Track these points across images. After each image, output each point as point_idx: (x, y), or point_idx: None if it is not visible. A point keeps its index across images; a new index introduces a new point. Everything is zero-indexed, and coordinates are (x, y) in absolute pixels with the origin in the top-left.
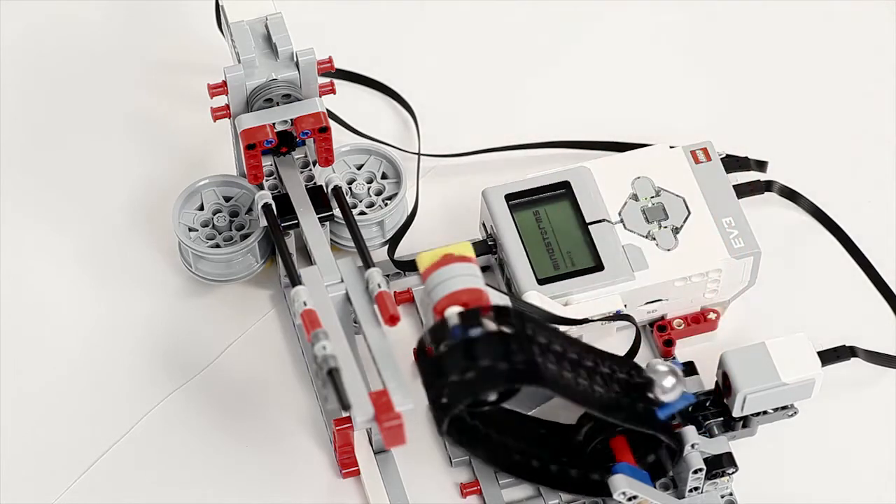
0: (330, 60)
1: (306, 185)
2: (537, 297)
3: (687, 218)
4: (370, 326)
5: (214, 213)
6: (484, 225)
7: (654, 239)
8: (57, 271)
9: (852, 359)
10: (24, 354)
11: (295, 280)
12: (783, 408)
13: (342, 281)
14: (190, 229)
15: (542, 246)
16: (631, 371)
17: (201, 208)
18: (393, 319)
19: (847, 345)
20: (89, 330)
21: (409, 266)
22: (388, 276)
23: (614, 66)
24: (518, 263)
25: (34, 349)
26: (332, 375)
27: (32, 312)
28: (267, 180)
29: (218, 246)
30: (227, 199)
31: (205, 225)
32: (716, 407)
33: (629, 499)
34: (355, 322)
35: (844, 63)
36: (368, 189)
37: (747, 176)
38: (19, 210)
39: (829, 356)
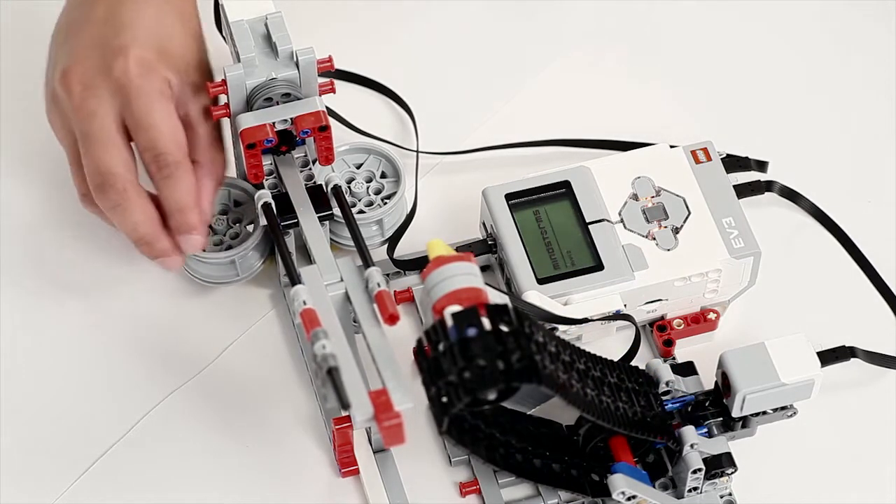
0: (329, 60)
1: (306, 185)
2: (537, 296)
3: (687, 218)
4: (370, 325)
5: (220, 213)
6: (484, 224)
7: (654, 239)
8: (57, 271)
9: (852, 359)
10: (25, 355)
11: (294, 279)
12: (782, 408)
13: (342, 280)
14: None
15: (542, 245)
16: (622, 375)
17: None
18: (392, 318)
19: (846, 345)
20: (89, 330)
21: (408, 265)
22: (387, 275)
23: (615, 65)
24: (518, 263)
25: (34, 349)
26: (332, 374)
27: (32, 312)
28: (267, 179)
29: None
30: (238, 205)
31: None
32: (715, 407)
33: (628, 498)
34: (355, 321)
35: (844, 63)
36: (367, 188)
37: (747, 176)
38: (19, 210)
39: (829, 357)
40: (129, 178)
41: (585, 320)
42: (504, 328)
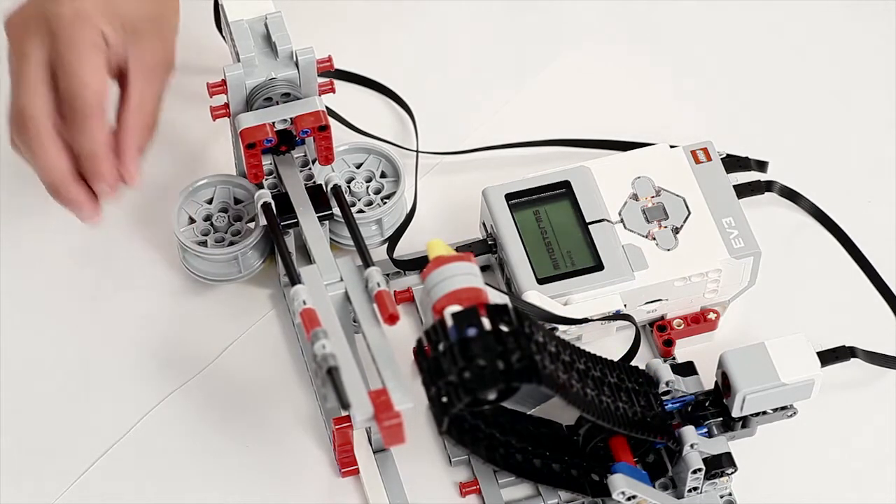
0: (329, 59)
1: (305, 184)
2: (537, 296)
3: (687, 218)
4: (369, 325)
5: (221, 211)
6: (484, 224)
7: (654, 239)
8: (56, 270)
9: (851, 359)
10: (24, 354)
11: (294, 279)
12: (782, 408)
13: (341, 280)
14: (190, 218)
15: (542, 245)
16: (622, 375)
17: (210, 202)
18: (392, 318)
19: (846, 345)
20: (89, 330)
21: (408, 265)
22: (387, 275)
23: (615, 65)
24: (518, 263)
25: (34, 348)
26: (332, 374)
27: (32, 312)
28: (266, 179)
29: (205, 244)
30: (238, 202)
31: (206, 219)
32: (715, 407)
33: (628, 498)
34: (355, 321)
35: (844, 63)
36: (367, 188)
37: (747, 176)
38: (19, 209)
39: (829, 357)
40: (45, 122)
41: (585, 320)
42: (504, 328)
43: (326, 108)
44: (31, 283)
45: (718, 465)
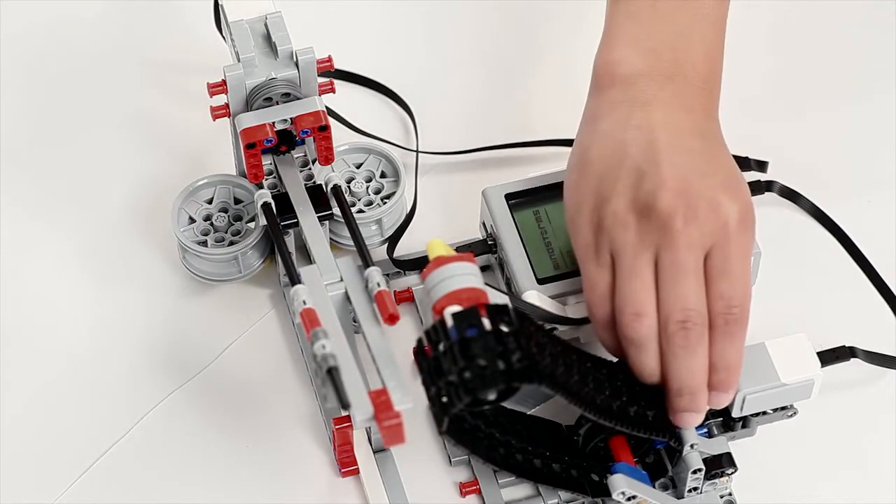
0: (329, 59)
1: (305, 184)
2: (537, 296)
3: None
4: (369, 325)
5: (221, 211)
6: (484, 224)
7: None
8: (56, 271)
9: (851, 359)
10: (24, 354)
11: (294, 279)
12: (782, 408)
13: (341, 280)
14: (190, 218)
15: (542, 245)
16: (622, 374)
17: (210, 202)
18: (392, 318)
19: (847, 345)
20: (88, 330)
21: (408, 265)
22: (387, 275)
23: None
24: (518, 263)
25: (34, 349)
26: (332, 374)
27: (32, 312)
28: (266, 179)
29: (205, 244)
30: (238, 202)
31: (206, 219)
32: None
33: (628, 499)
34: (355, 321)
35: (845, 63)
36: (367, 188)
37: (747, 176)
38: (19, 210)
39: (829, 357)
40: (706, 320)
41: (585, 320)
42: (504, 328)
43: (326, 108)
44: (31, 283)
45: (718, 465)
